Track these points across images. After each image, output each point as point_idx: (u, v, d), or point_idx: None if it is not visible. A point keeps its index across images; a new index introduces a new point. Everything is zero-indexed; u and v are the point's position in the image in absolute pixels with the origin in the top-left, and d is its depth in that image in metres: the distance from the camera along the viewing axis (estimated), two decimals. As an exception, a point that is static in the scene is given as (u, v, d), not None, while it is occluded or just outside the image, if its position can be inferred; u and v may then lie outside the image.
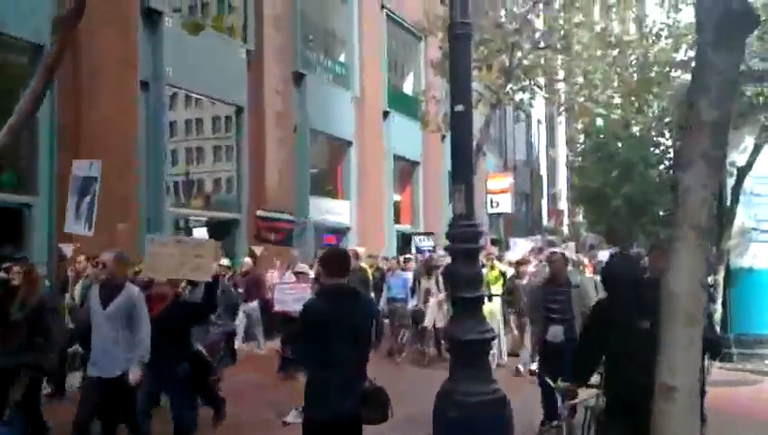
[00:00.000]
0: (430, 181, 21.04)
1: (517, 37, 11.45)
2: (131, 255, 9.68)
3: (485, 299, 8.23)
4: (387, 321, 10.95)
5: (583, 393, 4.05)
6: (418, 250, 12.90)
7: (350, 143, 18.12)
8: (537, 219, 33.64)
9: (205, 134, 15.01)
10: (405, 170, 21.28)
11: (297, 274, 7.72)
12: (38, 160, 10.20)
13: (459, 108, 6.04)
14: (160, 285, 5.55)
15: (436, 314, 10.25)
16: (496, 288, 10.39)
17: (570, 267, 7.46)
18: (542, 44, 12.16)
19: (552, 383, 4.12)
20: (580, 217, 36.73)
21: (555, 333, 6.33)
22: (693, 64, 3.27)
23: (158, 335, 5.06)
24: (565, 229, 35.00)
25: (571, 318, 6.25)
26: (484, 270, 10.81)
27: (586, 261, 12.71)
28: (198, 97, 14.04)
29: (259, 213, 10.82)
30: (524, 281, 9.42)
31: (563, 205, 39.04)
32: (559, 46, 11.90)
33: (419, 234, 13.98)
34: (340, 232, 17.70)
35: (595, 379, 4.23)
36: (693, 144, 2.98)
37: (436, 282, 10.54)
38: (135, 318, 5.04)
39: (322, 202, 17.04)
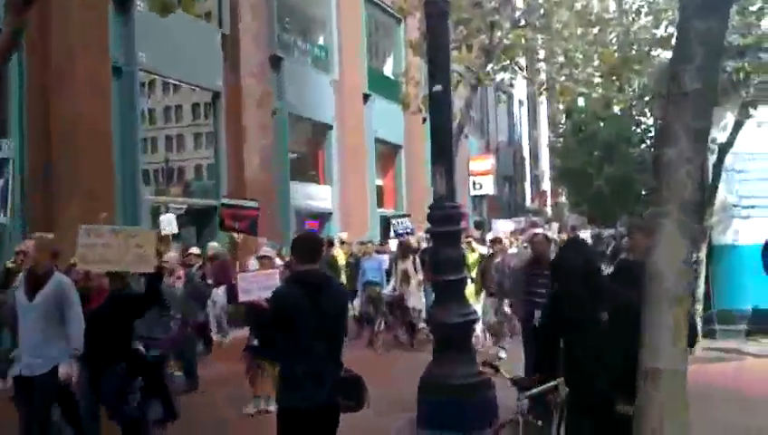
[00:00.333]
0: (413, 165, 20.89)
1: (497, 16, 11.28)
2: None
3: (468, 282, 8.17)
4: (359, 306, 10.89)
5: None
6: (396, 234, 12.66)
7: (330, 127, 17.90)
8: (520, 201, 33.71)
9: (182, 121, 14.71)
10: (387, 154, 21.10)
11: (261, 258, 7.21)
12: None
13: (438, 88, 5.92)
14: (99, 277, 5.21)
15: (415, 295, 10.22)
16: (476, 272, 10.26)
17: (552, 248, 7.39)
18: (522, 23, 12.01)
19: (507, 376, 3.95)
20: (563, 198, 36.93)
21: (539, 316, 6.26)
22: (674, 39, 3.15)
23: (94, 331, 4.72)
24: (549, 211, 35.14)
25: None
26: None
27: (568, 242, 12.64)
28: (174, 83, 13.74)
29: (223, 201, 10.54)
30: (497, 259, 9.25)
31: (546, 186, 39.15)
32: (538, 25, 11.75)
33: (397, 216, 13.76)
34: (323, 217, 17.53)
35: None
36: (675, 117, 2.87)
37: (413, 263, 10.39)
38: (66, 310, 4.66)
39: (304, 187, 16.84)
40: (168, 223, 10.66)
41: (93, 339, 4.71)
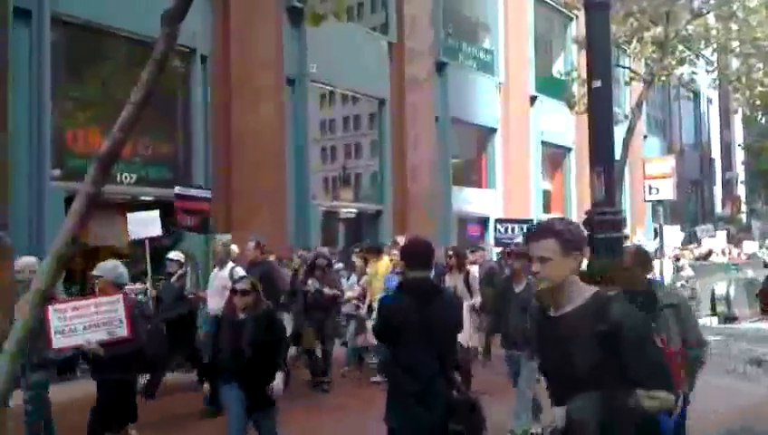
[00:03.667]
0: (583, 168, 19.85)
1: (671, 6, 10.29)
2: (278, 245, 10.18)
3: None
4: None
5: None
6: (498, 241, 11.28)
7: (494, 130, 17.61)
8: (709, 207, 30.65)
9: (349, 129, 15.34)
10: (555, 157, 20.29)
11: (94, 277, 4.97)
12: (192, 157, 10.92)
13: (597, 84, 5.53)
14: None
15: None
16: None
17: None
18: (704, 11, 10.87)
19: None
20: (760, 205, 33.06)
21: None
22: None
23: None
24: (743, 218, 31.58)
25: None
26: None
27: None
28: (343, 93, 14.37)
29: (177, 190, 8.58)
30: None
31: (741, 191, 35.23)
32: (723, 13, 10.52)
33: (504, 221, 12.19)
34: (485, 223, 17.28)
35: None
36: None
37: (466, 282, 7.34)
38: None
39: (466, 192, 16.73)
40: (139, 223, 8.23)
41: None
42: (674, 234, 15.42)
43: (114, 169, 5.62)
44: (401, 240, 8.64)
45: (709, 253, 16.16)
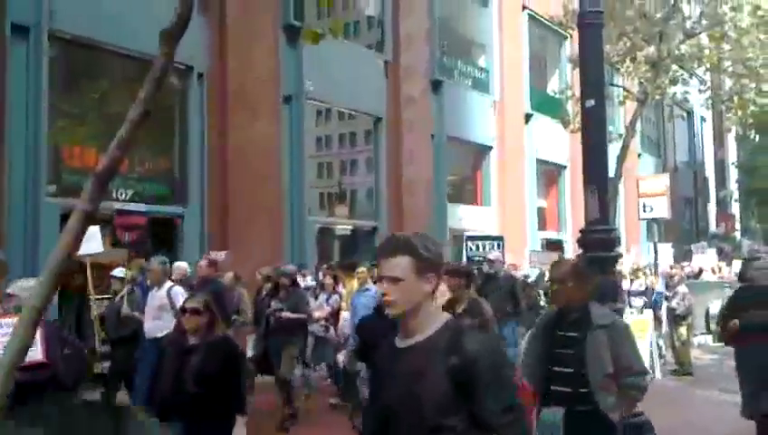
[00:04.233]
0: (578, 185, 19.95)
1: (664, 26, 10.42)
2: (274, 259, 10.17)
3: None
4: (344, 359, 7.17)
5: None
6: (469, 259, 11.23)
7: (489, 148, 17.71)
8: (704, 226, 30.78)
9: (345, 146, 15.40)
10: (550, 175, 20.38)
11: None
12: (188, 174, 10.93)
13: (590, 102, 5.58)
14: None
15: None
16: None
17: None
18: (697, 31, 11.00)
19: None
20: (753, 223, 33.25)
21: None
22: None
23: None
24: (737, 236, 31.71)
25: None
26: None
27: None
28: (339, 110, 14.45)
29: (116, 206, 8.27)
30: None
31: (735, 209, 35.40)
32: (717, 34, 10.65)
33: (475, 238, 12.23)
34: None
35: None
36: None
37: None
38: None
39: (461, 209, 16.78)
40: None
41: None
42: (665, 251, 15.48)
43: (110, 184, 5.61)
44: None
45: (700, 271, 16.22)
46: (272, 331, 7.37)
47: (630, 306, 10.43)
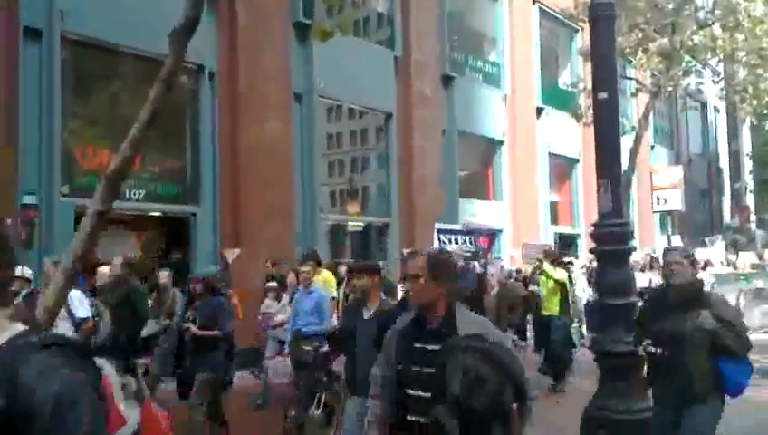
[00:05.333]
0: (591, 179, 19.82)
1: (676, 17, 10.31)
2: (286, 256, 10.23)
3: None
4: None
5: None
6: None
7: (501, 143, 17.64)
8: (718, 217, 30.48)
9: (356, 143, 15.40)
10: (562, 168, 20.25)
11: None
12: (201, 172, 10.98)
13: (603, 95, 5.53)
14: None
15: None
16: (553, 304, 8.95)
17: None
18: (710, 21, 10.88)
19: None
20: (768, 214, 32.89)
21: None
22: None
23: None
24: (752, 227, 31.37)
25: None
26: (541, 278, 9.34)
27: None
28: (350, 107, 14.45)
29: (24, 199, 7.61)
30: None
31: (750, 200, 35.03)
32: (730, 24, 10.53)
33: (447, 232, 12.08)
34: (493, 235, 17.25)
35: None
36: None
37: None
38: None
39: (473, 204, 16.73)
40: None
41: None
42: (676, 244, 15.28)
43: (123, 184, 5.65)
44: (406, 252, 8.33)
45: (707, 264, 16.01)
46: (193, 350, 6.01)
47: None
